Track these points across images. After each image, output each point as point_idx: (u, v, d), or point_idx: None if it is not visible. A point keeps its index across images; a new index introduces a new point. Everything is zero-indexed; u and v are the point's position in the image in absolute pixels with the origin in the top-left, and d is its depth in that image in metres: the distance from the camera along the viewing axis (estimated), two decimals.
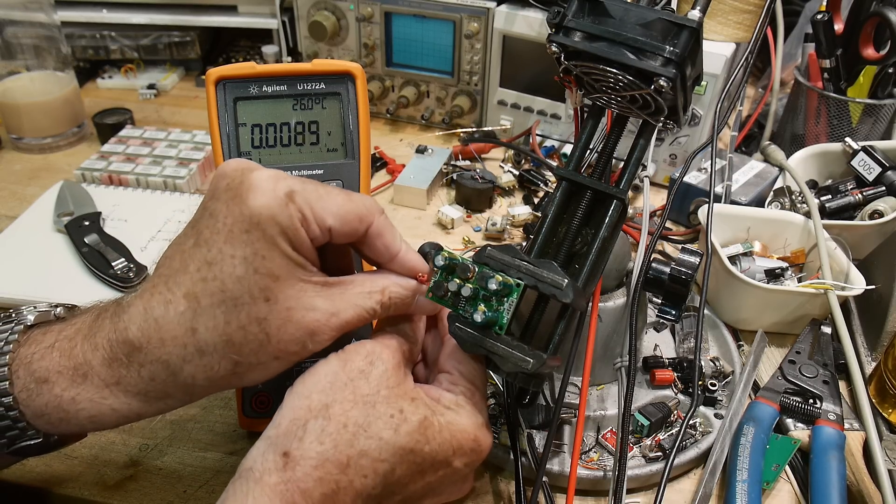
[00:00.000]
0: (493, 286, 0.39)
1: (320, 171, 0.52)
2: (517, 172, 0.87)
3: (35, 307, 0.41)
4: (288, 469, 0.35)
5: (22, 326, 0.39)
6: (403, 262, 0.41)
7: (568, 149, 0.91)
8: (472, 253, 0.60)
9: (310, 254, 0.38)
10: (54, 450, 0.41)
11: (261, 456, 0.36)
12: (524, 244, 0.56)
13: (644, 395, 0.56)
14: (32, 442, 0.38)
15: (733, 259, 0.68)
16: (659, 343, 0.62)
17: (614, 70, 0.40)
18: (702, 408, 0.56)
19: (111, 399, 0.37)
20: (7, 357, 0.38)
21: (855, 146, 0.78)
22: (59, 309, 0.42)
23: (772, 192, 0.77)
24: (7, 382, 0.37)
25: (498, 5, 0.90)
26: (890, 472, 0.49)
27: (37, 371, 0.37)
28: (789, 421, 0.55)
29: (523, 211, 0.81)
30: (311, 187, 0.38)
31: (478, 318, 0.39)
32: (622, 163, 0.45)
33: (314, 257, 0.39)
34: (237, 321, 0.35)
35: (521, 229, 0.80)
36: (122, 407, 0.38)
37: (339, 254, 0.43)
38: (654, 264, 0.53)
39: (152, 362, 0.36)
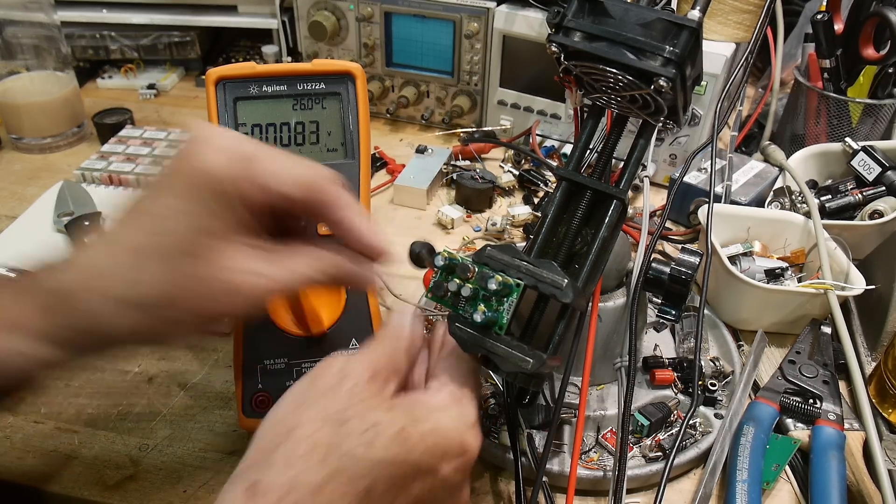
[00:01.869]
0: (492, 286, 0.39)
1: None
2: (517, 172, 0.87)
3: None
4: (253, 502, 0.32)
5: None
6: (360, 237, 0.40)
7: (568, 149, 0.91)
8: (467, 252, 0.62)
9: (253, 215, 0.38)
10: None
11: (229, 492, 0.33)
12: (524, 244, 0.56)
13: (644, 395, 0.56)
14: None
15: (733, 259, 0.68)
16: (659, 343, 0.62)
17: (614, 70, 0.40)
18: (702, 408, 0.56)
19: (39, 349, 0.37)
20: None
21: (855, 146, 0.78)
22: (13, 274, 0.42)
23: (772, 192, 0.77)
24: None
25: (498, 5, 0.90)
26: (890, 472, 0.49)
27: None
28: (789, 421, 0.55)
29: (523, 211, 0.81)
30: (264, 151, 0.38)
31: (478, 318, 0.39)
32: (622, 163, 0.45)
33: (258, 220, 0.38)
34: (171, 275, 0.35)
35: (521, 229, 0.80)
36: (50, 356, 0.37)
37: (299, 226, 0.42)
38: (653, 264, 0.53)
39: (83, 312, 0.36)
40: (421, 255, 0.42)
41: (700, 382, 0.56)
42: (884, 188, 0.75)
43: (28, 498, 0.52)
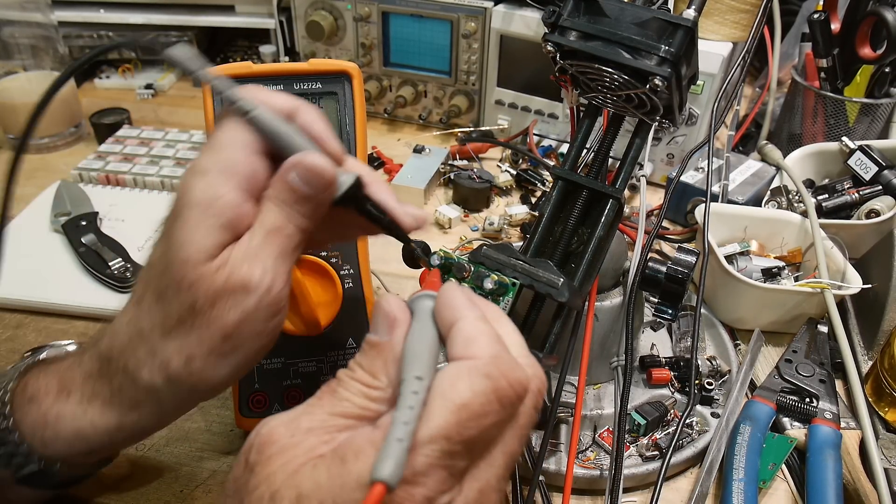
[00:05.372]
0: (488, 285, 0.39)
1: None
2: (514, 172, 0.87)
3: (52, 344, 0.45)
4: None
5: (32, 360, 0.42)
6: (330, 145, 0.37)
7: (565, 148, 0.91)
8: (464, 251, 0.61)
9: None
10: (65, 486, 0.42)
11: None
12: (521, 244, 0.56)
13: (641, 395, 0.57)
14: (36, 468, 0.39)
15: (730, 258, 0.68)
16: (656, 342, 0.62)
17: (610, 69, 0.40)
18: (698, 407, 0.56)
19: (91, 413, 0.38)
20: (10, 384, 0.40)
21: (851, 145, 0.78)
22: (72, 346, 0.45)
23: (769, 192, 0.77)
24: (8, 406, 0.39)
25: (495, 5, 0.90)
26: (886, 470, 0.49)
27: (28, 391, 0.39)
28: (786, 420, 0.55)
29: (520, 210, 0.81)
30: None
31: None
32: (619, 162, 0.45)
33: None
34: (170, 315, 0.35)
35: (518, 229, 0.80)
36: (101, 420, 0.38)
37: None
38: (650, 263, 0.53)
39: (117, 371, 0.37)
40: (415, 254, 0.42)
41: (697, 381, 0.56)
42: (880, 187, 0.75)
43: None
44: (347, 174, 0.36)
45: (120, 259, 0.70)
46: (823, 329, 0.61)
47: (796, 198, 0.74)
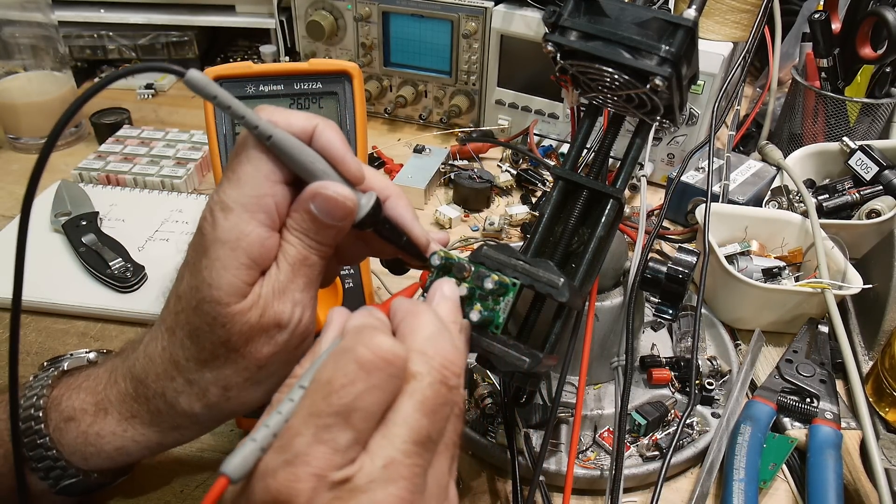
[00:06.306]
0: (489, 285, 0.39)
1: None
2: (515, 172, 0.87)
3: (72, 354, 0.45)
4: None
5: (56, 372, 0.42)
6: (349, 166, 0.36)
7: (566, 148, 0.91)
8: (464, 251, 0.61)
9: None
10: (100, 488, 0.43)
11: None
12: (522, 244, 0.56)
13: (641, 395, 0.57)
14: (73, 480, 0.40)
15: (731, 258, 0.68)
16: (656, 342, 0.62)
17: (610, 69, 0.40)
18: (699, 407, 0.56)
19: (131, 431, 0.39)
20: (42, 401, 0.40)
21: (852, 145, 0.78)
22: (91, 354, 0.45)
23: (769, 192, 0.77)
24: (42, 424, 0.39)
25: (496, 5, 0.90)
26: (887, 470, 0.49)
27: (64, 410, 0.40)
28: (786, 420, 0.55)
29: (521, 210, 0.81)
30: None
31: (474, 317, 0.39)
32: (619, 162, 0.45)
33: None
34: (205, 349, 0.36)
35: (518, 229, 0.80)
36: (142, 438, 0.39)
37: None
38: (651, 263, 0.53)
39: (154, 395, 0.38)
40: (397, 260, 0.42)
41: (697, 381, 0.56)
42: (881, 187, 0.75)
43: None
44: (367, 196, 0.36)
45: (120, 259, 0.70)
46: (824, 329, 0.61)
47: (797, 198, 0.74)
